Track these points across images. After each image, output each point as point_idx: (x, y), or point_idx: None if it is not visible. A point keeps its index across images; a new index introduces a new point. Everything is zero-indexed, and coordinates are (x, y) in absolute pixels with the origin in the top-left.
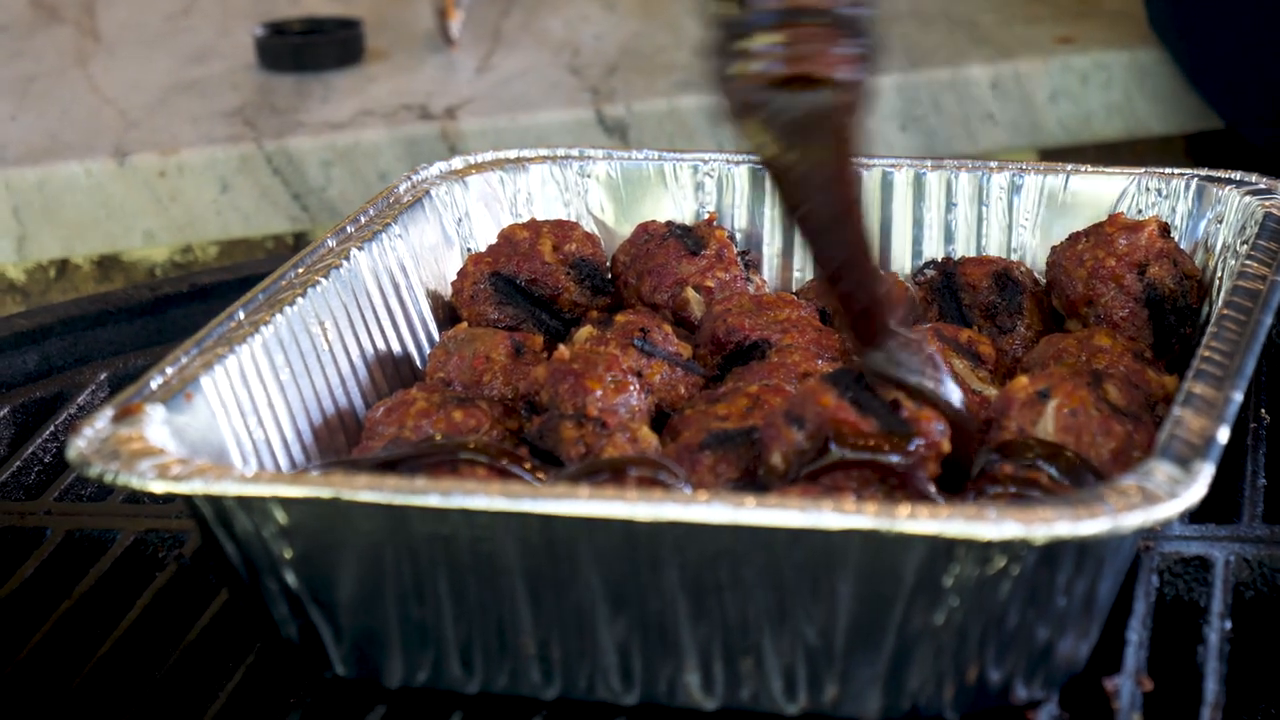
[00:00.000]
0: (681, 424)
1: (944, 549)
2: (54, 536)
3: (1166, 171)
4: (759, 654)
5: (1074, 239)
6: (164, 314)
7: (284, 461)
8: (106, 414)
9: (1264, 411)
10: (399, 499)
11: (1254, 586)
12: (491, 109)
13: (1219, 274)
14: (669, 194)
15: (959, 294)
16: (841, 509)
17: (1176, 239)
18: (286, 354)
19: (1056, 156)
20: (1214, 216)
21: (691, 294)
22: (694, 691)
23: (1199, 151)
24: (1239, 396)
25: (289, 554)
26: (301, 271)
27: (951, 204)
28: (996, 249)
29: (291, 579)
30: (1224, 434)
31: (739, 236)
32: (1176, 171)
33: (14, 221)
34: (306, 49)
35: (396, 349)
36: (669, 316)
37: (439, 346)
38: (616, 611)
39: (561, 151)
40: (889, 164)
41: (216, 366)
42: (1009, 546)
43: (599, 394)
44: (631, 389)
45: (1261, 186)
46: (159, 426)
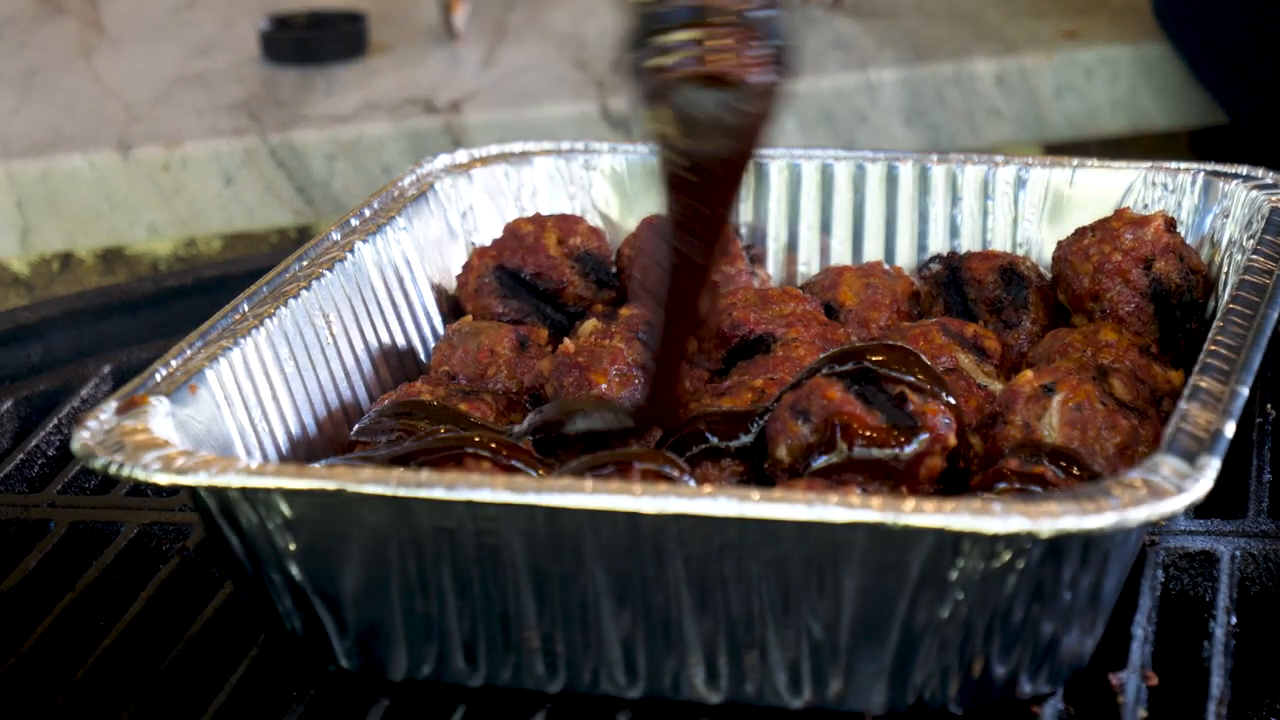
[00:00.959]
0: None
1: (949, 543)
2: (58, 529)
3: (1172, 166)
4: (764, 648)
5: (1080, 234)
6: (168, 307)
7: (288, 453)
8: (111, 406)
9: (1270, 406)
10: (403, 491)
11: (1259, 581)
12: (496, 103)
13: (1225, 269)
14: None
15: (964, 288)
16: (847, 503)
17: (1183, 234)
18: (291, 347)
19: (1061, 151)
20: (1220, 211)
21: None
22: (698, 685)
23: (1204, 146)
24: (1245, 391)
25: (293, 546)
26: (306, 264)
27: (957, 198)
28: (1002, 243)
29: (296, 571)
30: (1230, 429)
31: (743, 230)
32: (1183, 166)
33: (17, 214)
34: (311, 42)
35: (401, 342)
36: None
37: (443, 340)
38: (621, 605)
39: (566, 145)
40: (894, 158)
41: (221, 359)
42: (1014, 540)
43: (604, 387)
44: (636, 383)
45: (1268, 181)
46: (163, 419)
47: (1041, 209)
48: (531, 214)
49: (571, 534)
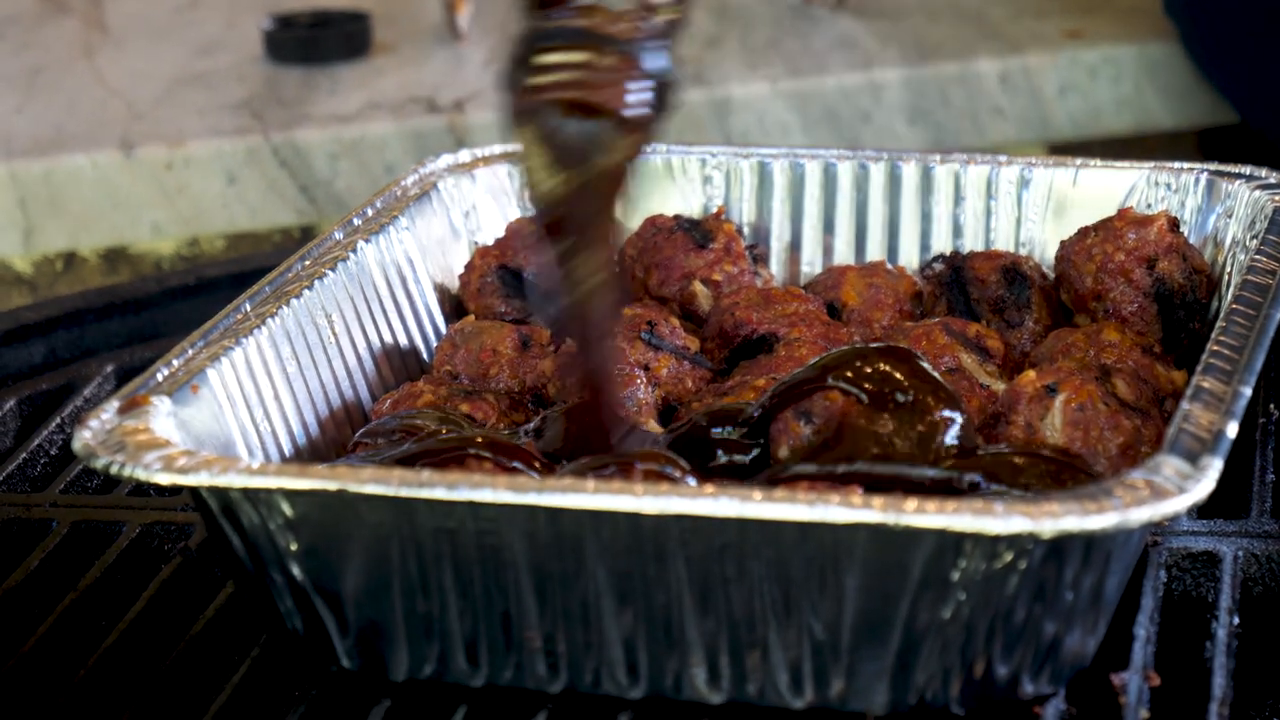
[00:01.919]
0: (688, 417)
1: (951, 543)
2: (60, 528)
3: (1176, 166)
4: (765, 648)
5: (1083, 233)
6: (170, 306)
7: (290, 453)
8: (113, 406)
9: (1273, 407)
10: (405, 491)
11: (1262, 582)
12: (499, 102)
13: (1228, 269)
14: (676, 187)
15: (967, 288)
16: (849, 503)
17: (1186, 234)
18: (293, 346)
19: (1065, 151)
20: (1223, 211)
21: (699, 287)
22: (700, 685)
23: (1209, 146)
24: (1248, 391)
25: (295, 546)
26: (308, 264)
27: (960, 198)
28: (1005, 243)
29: (297, 571)
30: (1233, 429)
31: (746, 230)
32: (1186, 166)
33: (20, 214)
34: (314, 42)
35: (403, 342)
36: (676, 310)
37: (446, 339)
38: (622, 605)
39: None
40: (897, 157)
41: (223, 359)
42: (1016, 541)
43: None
44: (639, 382)
45: (1271, 181)
46: (165, 418)
47: (1045, 209)
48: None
49: (573, 534)
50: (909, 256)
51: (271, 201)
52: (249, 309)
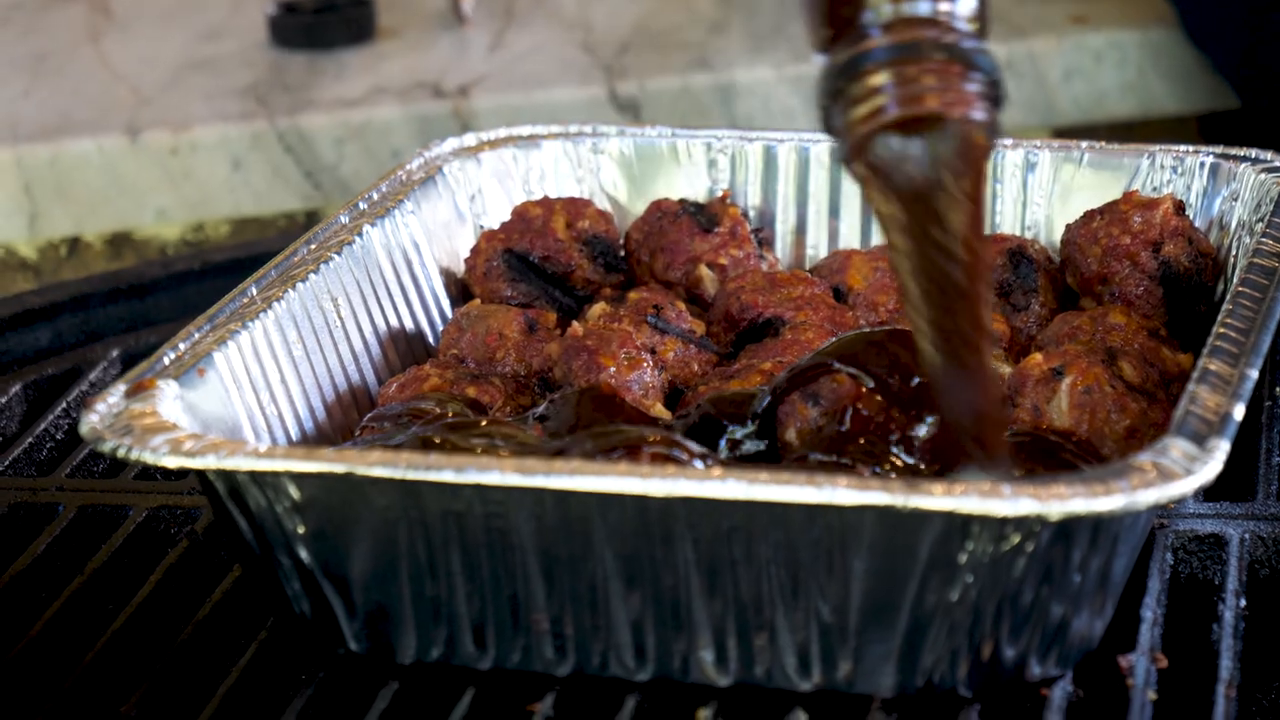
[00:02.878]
0: (695, 400)
1: (959, 525)
2: (66, 512)
3: (1181, 149)
4: (773, 630)
5: (1088, 216)
6: (176, 291)
7: (297, 437)
8: (119, 390)
9: (1279, 389)
10: (412, 474)
11: (1269, 564)
12: (504, 87)
13: (1234, 251)
14: (682, 171)
15: None
16: (856, 485)
17: (1191, 216)
18: (299, 330)
19: (1070, 136)
20: (1229, 194)
21: (705, 271)
22: (707, 668)
23: (1212, 131)
24: (1254, 374)
25: (302, 529)
26: (314, 248)
27: None
28: (1011, 226)
29: (304, 554)
30: (1239, 411)
31: (752, 214)
32: (1191, 149)
33: (25, 199)
34: (319, 26)
35: (409, 325)
36: (682, 294)
37: (452, 323)
38: (630, 588)
39: (574, 129)
40: None
41: (229, 342)
42: (1024, 523)
43: (612, 370)
44: (645, 366)
45: (1277, 164)
46: (172, 402)
47: (1050, 192)
48: (539, 197)
49: (580, 517)
50: None
51: (277, 186)
52: (255, 293)
